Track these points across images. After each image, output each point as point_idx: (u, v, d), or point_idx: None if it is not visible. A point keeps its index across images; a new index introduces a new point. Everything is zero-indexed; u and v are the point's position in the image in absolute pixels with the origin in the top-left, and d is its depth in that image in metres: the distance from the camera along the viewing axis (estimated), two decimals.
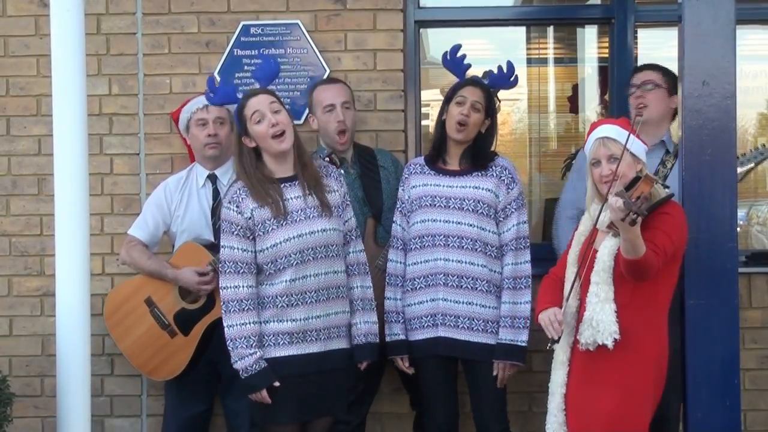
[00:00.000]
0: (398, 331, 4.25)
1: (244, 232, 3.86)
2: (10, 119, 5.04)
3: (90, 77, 4.24)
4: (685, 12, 3.70)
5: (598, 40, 6.15)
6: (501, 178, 4.19)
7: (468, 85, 4.24)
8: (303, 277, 3.86)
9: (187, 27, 5.00)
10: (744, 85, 5.97)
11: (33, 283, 5.03)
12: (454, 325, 4.14)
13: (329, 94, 4.56)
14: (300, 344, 3.87)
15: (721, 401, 3.69)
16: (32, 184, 5.03)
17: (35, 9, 5.00)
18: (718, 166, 3.67)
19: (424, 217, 4.20)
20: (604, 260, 3.56)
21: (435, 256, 4.16)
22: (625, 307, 3.55)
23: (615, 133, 3.67)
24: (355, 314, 4.03)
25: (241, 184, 3.92)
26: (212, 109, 4.54)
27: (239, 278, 3.85)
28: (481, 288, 4.13)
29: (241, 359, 3.82)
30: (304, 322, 3.87)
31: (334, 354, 3.95)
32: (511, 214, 4.18)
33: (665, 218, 3.52)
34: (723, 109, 3.67)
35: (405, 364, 4.26)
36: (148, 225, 4.58)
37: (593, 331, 3.54)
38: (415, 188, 4.26)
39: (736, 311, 3.74)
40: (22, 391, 4.75)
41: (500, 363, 4.12)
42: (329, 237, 3.92)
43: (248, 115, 3.90)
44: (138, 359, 4.57)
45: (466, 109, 4.16)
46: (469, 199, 4.16)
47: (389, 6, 4.97)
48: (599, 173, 3.67)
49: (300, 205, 3.90)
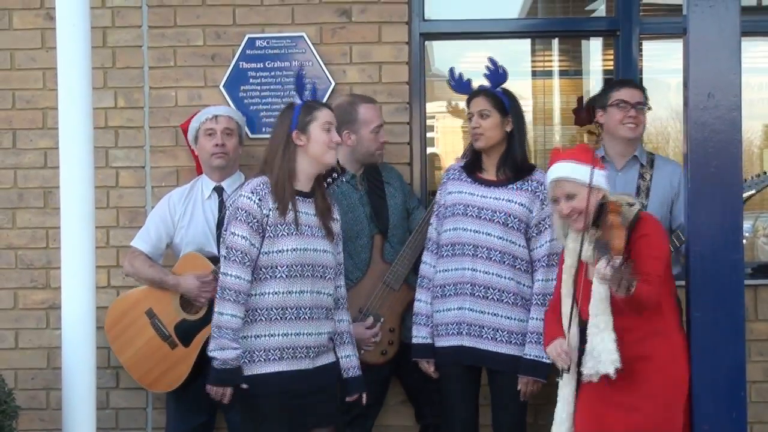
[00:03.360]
0: (426, 334, 4.27)
1: (258, 226, 3.83)
2: (16, 132, 5.05)
3: (96, 90, 4.24)
4: (690, 24, 3.69)
5: (603, 52, 6.15)
6: (536, 193, 4.20)
7: (471, 98, 4.30)
8: (300, 292, 3.85)
9: (193, 40, 5.02)
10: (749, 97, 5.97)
11: (39, 296, 5.04)
12: (478, 335, 4.15)
13: (376, 113, 4.58)
14: (290, 360, 3.85)
15: (727, 414, 3.67)
16: (38, 197, 5.04)
17: (41, 22, 5.02)
18: (723, 178, 3.66)
19: (456, 225, 4.22)
20: (600, 291, 3.56)
21: (464, 265, 4.18)
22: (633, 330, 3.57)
23: (566, 172, 3.70)
24: (346, 347, 4.05)
25: (266, 179, 3.89)
26: (221, 120, 4.57)
27: (243, 269, 3.80)
28: (508, 300, 4.15)
29: (222, 349, 3.77)
30: (295, 338, 3.85)
31: (322, 370, 3.95)
32: (544, 230, 4.18)
33: (645, 241, 3.55)
34: (729, 121, 3.66)
35: (431, 368, 4.28)
36: (151, 237, 4.59)
37: (595, 362, 3.56)
38: (451, 194, 4.28)
39: (742, 323, 3.72)
40: (27, 404, 4.75)
41: (524, 378, 4.13)
42: (327, 259, 3.93)
43: (320, 119, 3.90)
44: (138, 371, 4.57)
45: (475, 120, 4.22)
46: (500, 211, 4.17)
47: (394, 19, 4.98)
48: (560, 210, 3.72)
49: (309, 222, 3.90)
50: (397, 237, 4.50)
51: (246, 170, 4.76)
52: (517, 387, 4.15)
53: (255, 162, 4.87)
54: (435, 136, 6.16)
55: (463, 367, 4.22)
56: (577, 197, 3.65)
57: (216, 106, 4.72)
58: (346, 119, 4.49)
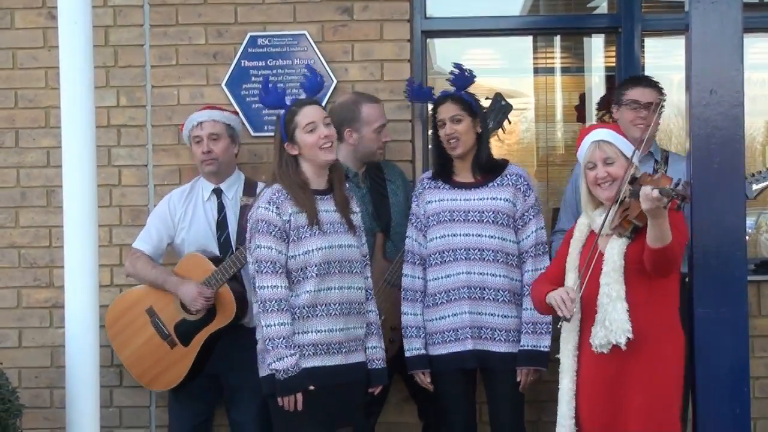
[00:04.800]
0: (419, 345, 4.25)
1: (281, 234, 3.84)
2: (18, 131, 5.05)
3: (98, 89, 4.24)
4: (692, 20, 3.69)
5: (605, 49, 6.16)
6: (517, 186, 4.22)
7: (438, 105, 4.30)
8: (328, 289, 3.86)
9: (195, 38, 5.02)
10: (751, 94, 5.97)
11: (42, 295, 5.04)
12: (478, 336, 4.15)
13: (379, 113, 4.58)
14: (324, 356, 3.86)
15: (730, 410, 3.67)
16: (41, 195, 5.04)
17: (43, 21, 5.02)
18: (726, 174, 3.66)
19: (444, 232, 4.21)
20: (614, 260, 3.55)
21: (457, 270, 4.17)
22: (641, 305, 3.54)
23: (609, 137, 3.70)
24: (372, 338, 4.04)
25: (279, 187, 3.90)
26: (205, 126, 4.56)
27: (277, 278, 3.81)
28: (503, 299, 4.16)
29: (280, 360, 3.78)
30: (328, 334, 3.86)
31: (355, 367, 3.95)
32: (529, 221, 4.21)
33: (671, 214, 3.51)
34: (731, 117, 3.65)
35: (427, 379, 4.26)
36: (152, 237, 4.60)
37: (606, 331, 3.53)
38: (431, 203, 4.26)
39: (746, 319, 3.72)
40: (31, 403, 4.75)
41: (524, 369, 4.14)
42: (353, 253, 3.95)
43: (301, 123, 3.90)
44: (137, 369, 4.59)
45: (448, 127, 4.20)
46: (488, 210, 4.18)
47: (396, 16, 4.98)
48: (594, 176, 3.69)
49: (330, 219, 3.91)
50: (399, 235, 4.49)
51: (248, 169, 4.77)
52: (515, 382, 4.15)
53: (257, 160, 4.89)
54: None
55: (460, 371, 4.21)
56: (616, 164, 3.65)
57: (200, 111, 4.67)
58: (348, 117, 4.49)
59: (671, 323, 3.65)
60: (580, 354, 3.70)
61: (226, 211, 4.56)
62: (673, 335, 3.64)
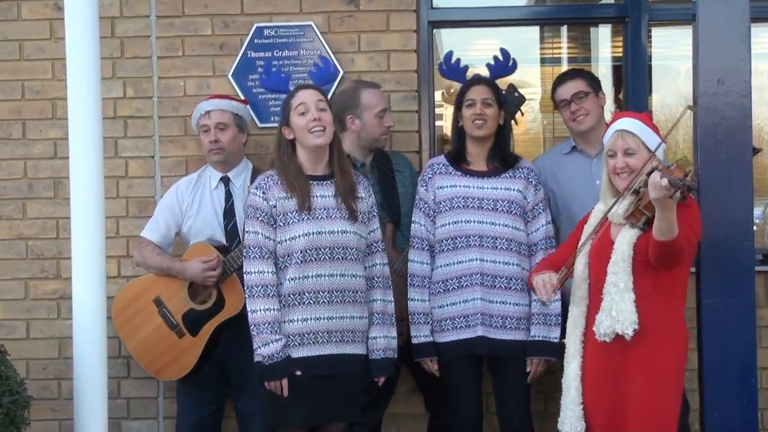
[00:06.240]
0: (426, 332, 4.24)
1: (268, 219, 3.87)
2: (25, 123, 5.06)
3: (104, 80, 4.24)
4: (700, 10, 3.68)
5: (612, 39, 6.13)
6: (528, 179, 4.25)
7: (473, 85, 4.29)
8: (317, 276, 3.85)
9: (201, 29, 5.02)
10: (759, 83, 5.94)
11: (49, 286, 5.05)
12: (488, 324, 4.15)
13: (380, 98, 4.57)
14: (311, 346, 3.85)
15: (738, 400, 3.68)
16: (48, 187, 5.05)
17: (50, 13, 5.02)
18: (733, 164, 3.66)
19: (457, 218, 4.21)
20: (623, 250, 3.56)
21: (470, 256, 4.17)
22: (646, 297, 3.55)
23: (634, 127, 3.69)
24: (374, 327, 4.00)
25: (271, 172, 3.93)
26: (213, 115, 4.57)
27: (264, 263, 3.84)
28: (515, 287, 4.16)
29: (265, 345, 3.80)
30: (315, 322, 3.85)
31: (349, 358, 3.92)
32: (539, 215, 4.24)
33: (686, 210, 3.50)
34: (738, 107, 3.65)
35: (434, 366, 4.26)
36: (160, 226, 4.61)
37: (612, 321, 3.54)
38: (443, 189, 4.26)
39: (753, 310, 3.72)
40: (39, 394, 4.76)
41: (534, 359, 4.15)
42: (348, 239, 3.91)
43: (294, 105, 3.92)
44: (145, 359, 4.61)
45: (478, 107, 4.20)
46: (502, 200, 4.19)
47: (402, 7, 4.97)
48: (614, 164, 3.69)
49: (325, 204, 3.90)
50: (408, 225, 4.48)
51: (255, 159, 4.76)
52: (523, 371, 4.16)
53: (264, 151, 4.88)
54: (444, 125, 6.15)
55: (469, 359, 4.22)
56: (636, 155, 3.65)
57: (208, 100, 4.68)
58: (349, 104, 4.50)
59: (674, 317, 3.62)
60: (586, 340, 3.71)
61: (234, 200, 4.56)
62: (674, 329, 3.62)
